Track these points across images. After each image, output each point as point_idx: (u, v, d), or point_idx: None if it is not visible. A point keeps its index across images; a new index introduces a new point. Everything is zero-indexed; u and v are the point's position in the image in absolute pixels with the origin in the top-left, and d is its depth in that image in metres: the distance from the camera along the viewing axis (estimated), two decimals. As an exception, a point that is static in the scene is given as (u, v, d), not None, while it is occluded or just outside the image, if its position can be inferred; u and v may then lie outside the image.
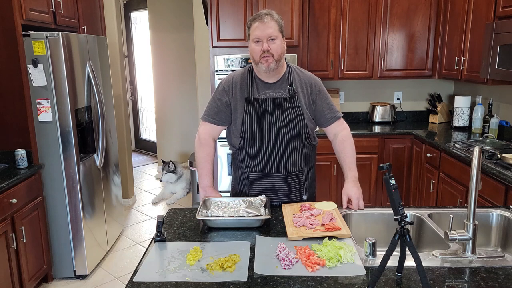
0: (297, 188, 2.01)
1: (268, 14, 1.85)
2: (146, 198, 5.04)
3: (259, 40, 1.83)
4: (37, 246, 2.89)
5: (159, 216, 1.63)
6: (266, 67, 1.85)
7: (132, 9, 6.47)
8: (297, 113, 1.93)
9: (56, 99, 2.87)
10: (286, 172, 1.97)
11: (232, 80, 1.98)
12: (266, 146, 1.93)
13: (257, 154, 1.95)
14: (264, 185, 1.99)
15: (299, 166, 1.99)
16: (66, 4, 3.23)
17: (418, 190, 3.72)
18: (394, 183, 1.29)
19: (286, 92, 1.93)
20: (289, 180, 1.98)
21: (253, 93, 1.93)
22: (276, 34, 1.84)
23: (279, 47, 1.85)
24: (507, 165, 2.52)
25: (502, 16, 2.88)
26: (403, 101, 4.45)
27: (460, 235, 1.45)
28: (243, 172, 2.03)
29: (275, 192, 1.99)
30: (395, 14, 3.93)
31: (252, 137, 1.94)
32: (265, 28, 1.82)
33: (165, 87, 5.93)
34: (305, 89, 1.97)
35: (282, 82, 1.95)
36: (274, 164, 1.95)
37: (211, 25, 3.71)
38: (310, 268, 1.38)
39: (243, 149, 1.99)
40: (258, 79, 1.95)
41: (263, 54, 1.83)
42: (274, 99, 1.92)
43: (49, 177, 2.97)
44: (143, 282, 1.34)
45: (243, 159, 2.00)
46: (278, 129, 1.92)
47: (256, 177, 1.99)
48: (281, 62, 1.90)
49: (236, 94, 1.95)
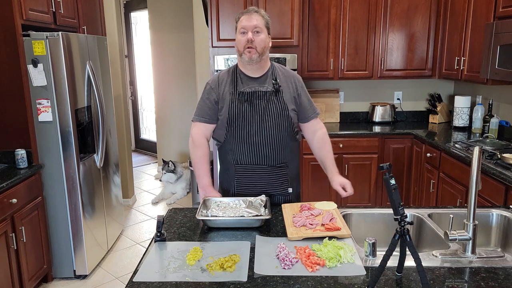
0: (282, 180, 2.05)
1: (256, 11, 1.94)
2: (146, 198, 5.04)
3: (245, 31, 1.91)
4: (37, 246, 2.89)
5: (159, 216, 1.63)
6: (248, 57, 1.90)
7: (132, 9, 6.47)
8: (282, 106, 1.98)
9: (56, 99, 2.87)
10: (272, 164, 2.01)
11: (218, 78, 2.04)
12: (251, 139, 1.97)
13: (242, 147, 1.99)
14: (250, 177, 2.03)
15: (284, 159, 2.03)
16: (66, 4, 3.23)
17: (418, 190, 3.72)
18: (394, 183, 1.29)
19: (271, 86, 1.98)
20: (274, 172, 2.02)
21: (238, 87, 1.99)
22: (262, 27, 1.92)
23: (263, 41, 1.91)
24: (507, 165, 2.52)
25: (502, 16, 2.88)
26: (403, 101, 4.45)
27: (460, 235, 1.45)
28: (229, 165, 2.06)
29: (260, 185, 2.03)
30: (395, 14, 3.93)
31: (238, 129, 1.97)
32: (251, 20, 1.90)
33: (165, 87, 5.92)
34: (289, 83, 2.04)
35: (266, 77, 2.01)
36: (260, 156, 2.00)
37: (211, 25, 3.71)
38: (310, 268, 1.38)
39: (229, 143, 2.02)
40: (243, 74, 2.01)
41: (247, 44, 1.89)
42: (259, 92, 1.97)
43: (49, 177, 2.97)
44: (143, 282, 1.34)
45: (229, 152, 2.04)
46: (263, 121, 1.96)
47: (242, 169, 2.03)
48: (264, 56, 1.96)
49: (223, 90, 2.00)
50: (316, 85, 4.35)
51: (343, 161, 3.90)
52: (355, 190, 2.00)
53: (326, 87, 4.37)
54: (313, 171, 3.92)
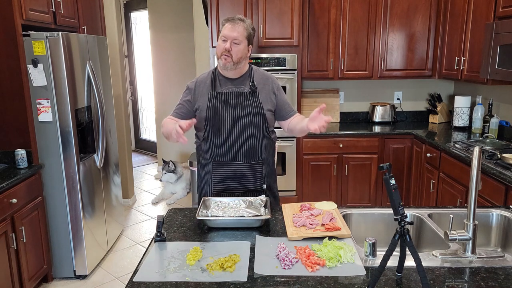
0: (257, 177, 2.15)
1: (241, 20, 2.03)
2: (146, 198, 5.04)
3: (225, 39, 2.01)
4: (37, 246, 2.89)
5: (159, 216, 1.63)
6: (223, 64, 2.02)
7: (132, 9, 6.47)
8: (257, 106, 2.08)
9: (56, 99, 2.87)
10: (248, 160, 2.12)
11: (197, 80, 2.16)
12: (228, 136, 2.08)
13: (220, 144, 2.10)
14: (226, 173, 2.13)
15: (259, 156, 2.14)
16: (66, 4, 3.23)
17: (418, 190, 3.72)
18: (394, 183, 1.29)
19: (248, 88, 2.09)
20: (250, 168, 2.13)
21: (216, 88, 2.10)
22: (241, 39, 2.01)
23: (240, 51, 2.01)
24: (507, 165, 2.52)
25: (502, 16, 2.88)
26: (403, 101, 4.45)
27: (460, 235, 1.45)
28: (207, 162, 2.16)
29: (236, 180, 2.13)
30: (395, 14, 3.93)
31: (216, 128, 2.08)
32: (233, 31, 2.00)
33: (165, 87, 5.92)
34: (266, 85, 2.14)
35: (244, 78, 2.12)
36: (236, 153, 2.10)
37: (211, 25, 3.71)
38: (310, 268, 1.38)
39: (207, 140, 2.12)
40: (221, 76, 2.12)
41: (224, 52, 2.00)
42: (236, 93, 2.09)
43: (49, 177, 2.97)
44: (143, 282, 1.34)
45: (207, 150, 2.14)
46: (240, 120, 2.07)
47: (219, 165, 2.13)
48: (240, 64, 2.05)
49: (201, 91, 2.11)
50: (316, 85, 4.35)
51: (343, 161, 3.90)
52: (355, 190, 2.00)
53: (326, 87, 4.37)
54: (313, 171, 3.92)
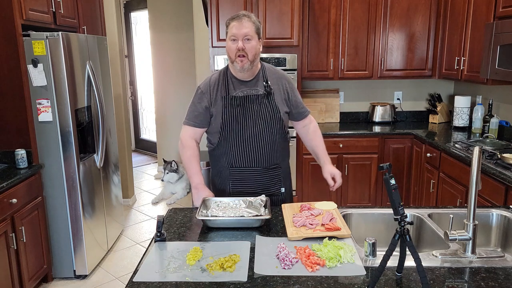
0: (275, 181, 2.10)
1: (246, 16, 1.93)
2: (146, 198, 5.04)
3: (235, 39, 1.90)
4: (37, 246, 2.89)
5: (159, 216, 1.63)
6: (240, 67, 1.92)
7: (132, 9, 6.46)
8: (273, 109, 2.02)
9: (56, 99, 2.87)
10: (265, 165, 2.05)
11: (209, 83, 2.04)
12: (245, 142, 2.01)
13: (236, 150, 2.02)
14: (244, 179, 2.06)
15: (277, 160, 2.08)
16: (66, 4, 3.23)
17: (418, 190, 3.72)
18: (394, 183, 1.29)
19: (262, 89, 2.01)
20: (268, 174, 2.07)
21: (230, 91, 2.00)
22: (252, 34, 1.91)
23: (253, 47, 1.92)
24: (507, 165, 2.52)
25: (502, 16, 2.88)
26: (403, 101, 4.45)
27: (460, 235, 1.45)
28: (223, 168, 2.08)
29: (255, 186, 2.07)
30: (395, 14, 3.93)
31: (232, 133, 2.00)
32: (241, 28, 1.89)
33: (165, 87, 5.92)
34: (280, 85, 2.06)
35: (257, 79, 2.03)
36: (254, 158, 2.03)
37: (211, 25, 3.71)
38: (310, 268, 1.38)
39: (222, 146, 2.04)
40: (234, 78, 2.02)
41: (238, 52, 1.90)
42: (251, 96, 2.00)
43: (49, 177, 2.97)
44: (143, 282, 1.34)
45: (223, 155, 2.06)
46: (256, 124, 2.00)
47: (236, 172, 2.06)
48: (256, 62, 1.97)
49: (214, 95, 2.01)
50: (316, 85, 4.35)
51: (343, 161, 3.90)
52: (355, 190, 2.00)
53: (326, 87, 4.37)
54: (313, 171, 3.92)
